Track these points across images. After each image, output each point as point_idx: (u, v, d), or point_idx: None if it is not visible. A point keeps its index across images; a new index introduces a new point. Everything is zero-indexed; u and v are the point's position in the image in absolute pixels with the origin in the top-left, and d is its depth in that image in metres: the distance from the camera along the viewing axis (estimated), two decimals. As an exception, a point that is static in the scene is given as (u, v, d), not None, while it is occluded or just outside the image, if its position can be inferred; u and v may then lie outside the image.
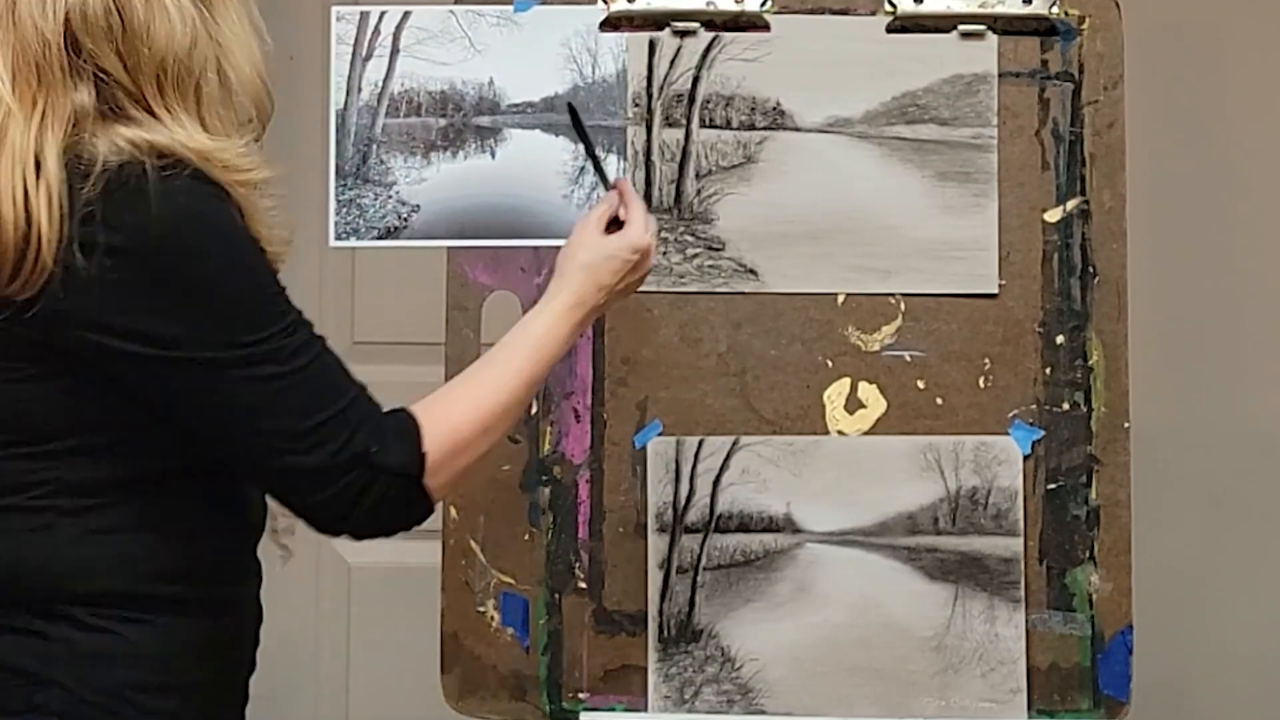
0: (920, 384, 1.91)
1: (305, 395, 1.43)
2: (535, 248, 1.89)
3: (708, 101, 1.92)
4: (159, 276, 1.38)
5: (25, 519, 1.43)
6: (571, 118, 1.76)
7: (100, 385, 1.42)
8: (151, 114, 1.41)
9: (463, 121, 1.90)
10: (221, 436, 1.44)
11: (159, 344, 1.39)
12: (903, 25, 1.92)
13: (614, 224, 1.67)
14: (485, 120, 1.90)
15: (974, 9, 1.91)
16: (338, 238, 1.90)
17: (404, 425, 1.48)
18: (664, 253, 1.91)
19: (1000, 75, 1.92)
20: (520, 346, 1.58)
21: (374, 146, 1.90)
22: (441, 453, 1.48)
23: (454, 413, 1.51)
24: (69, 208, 1.36)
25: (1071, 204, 1.92)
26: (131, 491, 1.46)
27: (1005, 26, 1.92)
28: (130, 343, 1.39)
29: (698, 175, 1.92)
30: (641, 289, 1.86)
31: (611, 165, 1.90)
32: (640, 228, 1.66)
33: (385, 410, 1.48)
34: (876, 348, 1.91)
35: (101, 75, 1.40)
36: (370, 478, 1.44)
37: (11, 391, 1.41)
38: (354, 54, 1.91)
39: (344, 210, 1.90)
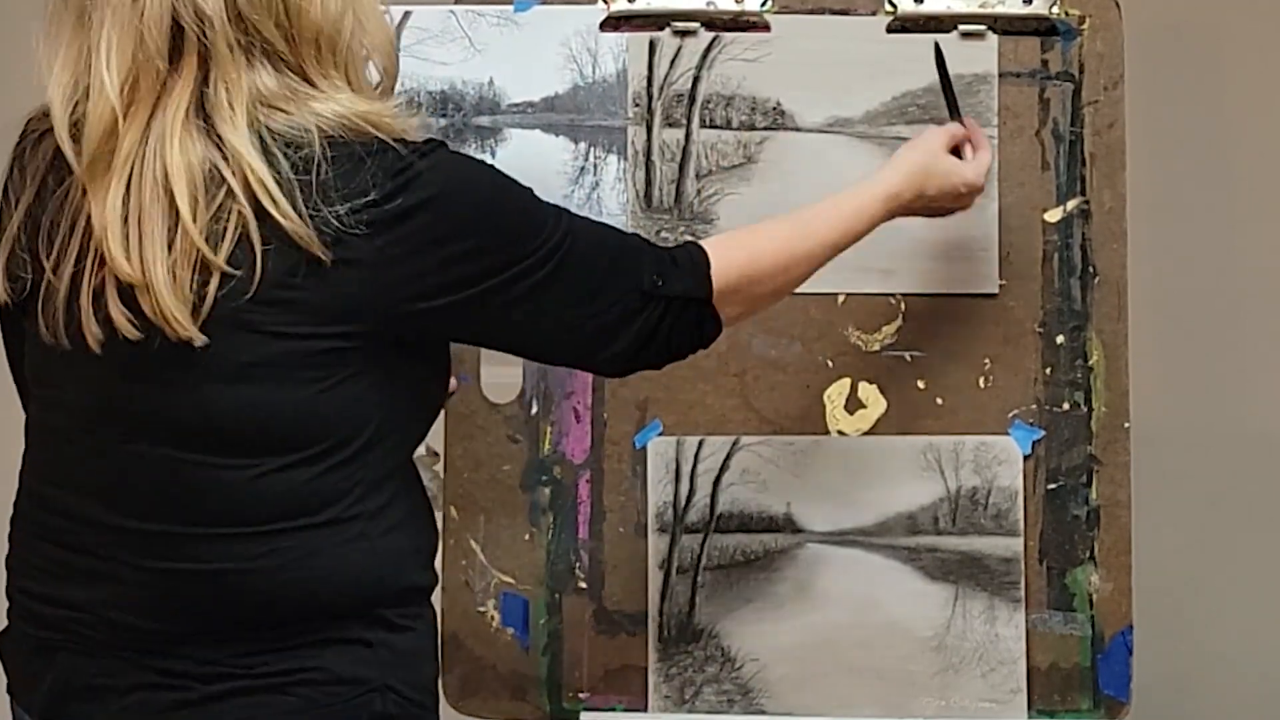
0: (920, 384, 1.91)
1: (588, 268, 1.48)
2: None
3: (708, 101, 1.92)
4: (452, 226, 1.40)
5: (343, 530, 1.43)
6: (936, 60, 1.85)
7: (390, 375, 1.43)
8: (312, 85, 1.41)
9: (463, 121, 1.90)
10: (531, 337, 1.50)
11: (469, 284, 1.42)
12: (903, 25, 1.92)
13: (953, 153, 1.77)
14: (485, 120, 1.90)
15: (974, 9, 1.91)
16: (338, 238, 1.90)
17: (690, 254, 1.55)
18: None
19: (1000, 75, 1.92)
20: (832, 210, 1.67)
21: (374, 146, 1.90)
22: (734, 275, 1.57)
23: (749, 242, 1.61)
24: (296, 194, 1.35)
25: (1072, 204, 1.92)
26: (402, 480, 1.50)
27: (1005, 26, 1.92)
28: (445, 295, 1.41)
29: (698, 175, 1.92)
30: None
31: (612, 166, 1.90)
32: (981, 167, 1.77)
33: (676, 245, 1.57)
34: (877, 348, 1.91)
35: (267, 50, 1.39)
36: (661, 310, 1.51)
37: (315, 403, 1.40)
38: (354, 54, 1.91)
39: (344, 210, 1.89)
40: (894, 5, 1.91)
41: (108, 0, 1.37)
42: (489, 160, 1.89)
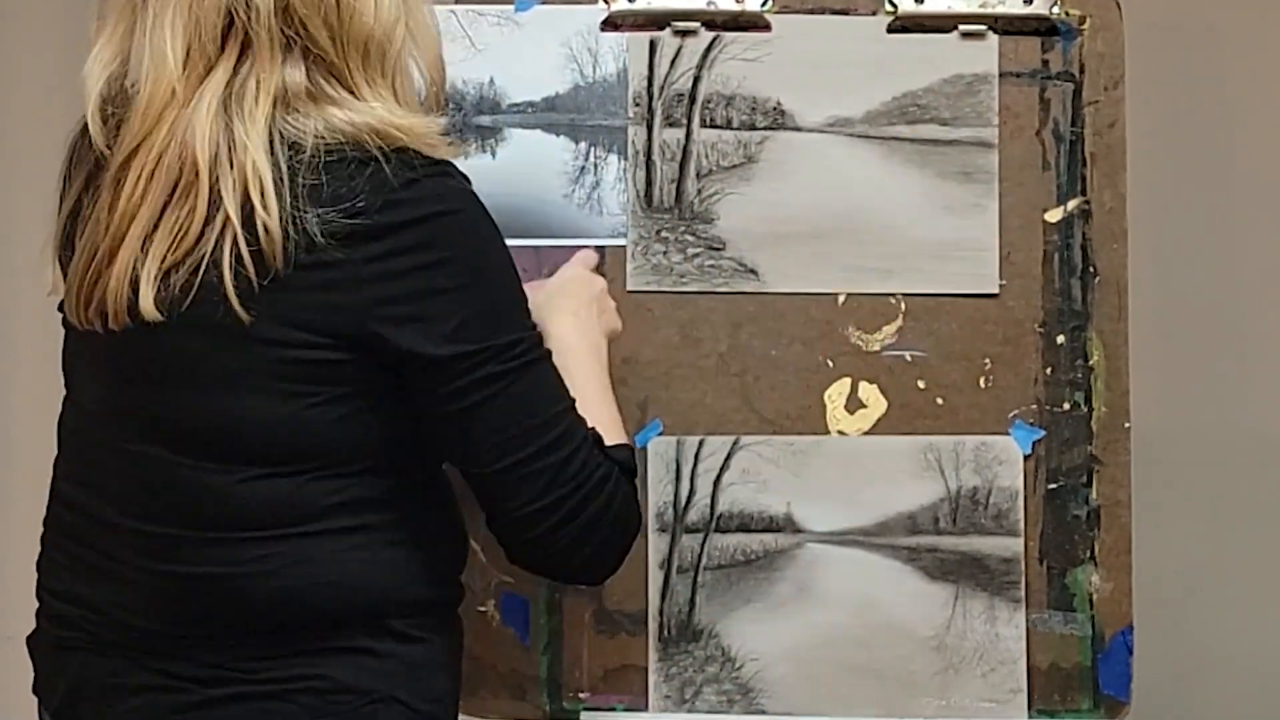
0: (921, 384, 1.91)
1: (547, 389, 1.44)
2: (536, 248, 1.89)
3: (708, 101, 1.92)
4: (433, 265, 1.36)
5: (339, 540, 1.42)
6: None
7: (383, 398, 1.40)
8: (352, 92, 1.39)
9: (463, 121, 1.90)
10: (463, 436, 1.41)
11: (434, 337, 1.37)
12: (903, 25, 1.92)
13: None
14: (485, 120, 1.90)
15: (975, 9, 1.91)
16: (338, 237, 1.90)
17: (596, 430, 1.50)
18: (664, 252, 1.91)
19: (1001, 75, 1.92)
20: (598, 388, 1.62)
21: (375, 146, 1.90)
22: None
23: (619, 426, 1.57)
24: (288, 200, 1.33)
25: (1072, 204, 1.92)
26: (418, 496, 1.48)
27: (1006, 26, 1.92)
28: (401, 335, 1.36)
29: (698, 175, 1.92)
30: (641, 289, 1.87)
31: (613, 166, 1.90)
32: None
33: None
34: (877, 348, 1.91)
35: (309, 49, 1.37)
36: (604, 472, 1.45)
37: (307, 416, 1.39)
38: (355, 53, 1.91)
39: (345, 210, 1.89)
40: (894, 5, 1.91)
41: None
42: (490, 160, 1.90)
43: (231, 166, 1.34)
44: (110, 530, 1.44)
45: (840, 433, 1.91)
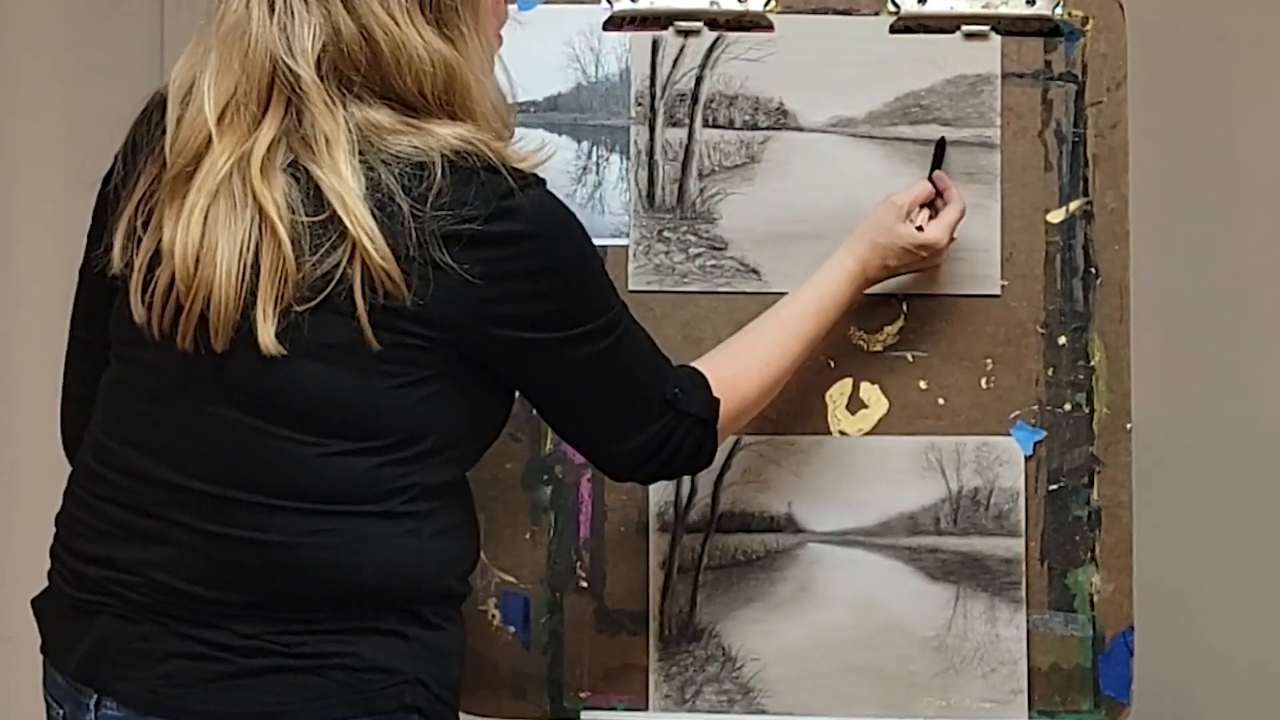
0: (922, 384, 1.91)
1: (634, 359, 1.57)
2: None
3: (711, 101, 1.92)
4: (543, 264, 1.47)
5: (395, 524, 1.47)
6: (938, 150, 1.89)
7: (459, 388, 1.48)
8: (433, 120, 1.47)
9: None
10: (568, 404, 1.57)
11: (539, 326, 1.48)
12: (906, 26, 1.92)
13: (930, 205, 1.84)
14: (488, 119, 1.90)
15: (977, 9, 1.91)
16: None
17: (697, 378, 1.62)
18: (666, 252, 1.91)
19: (1003, 76, 1.92)
20: (807, 308, 1.75)
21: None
22: (738, 404, 1.65)
23: (741, 372, 1.67)
24: (400, 205, 1.41)
25: (1074, 205, 1.92)
26: (456, 491, 1.55)
27: (1009, 27, 1.92)
28: (516, 328, 1.47)
29: (700, 175, 1.92)
30: (643, 289, 1.87)
31: (615, 165, 1.90)
32: (942, 229, 1.81)
33: (682, 368, 1.64)
34: (878, 348, 1.91)
35: (373, 93, 1.45)
36: (673, 424, 1.57)
37: (397, 396, 1.45)
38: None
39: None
40: (897, 5, 1.91)
41: (220, 26, 1.46)
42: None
43: (331, 197, 1.41)
44: (166, 490, 1.46)
45: (842, 433, 1.91)
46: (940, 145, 1.88)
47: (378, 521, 1.46)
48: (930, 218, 1.83)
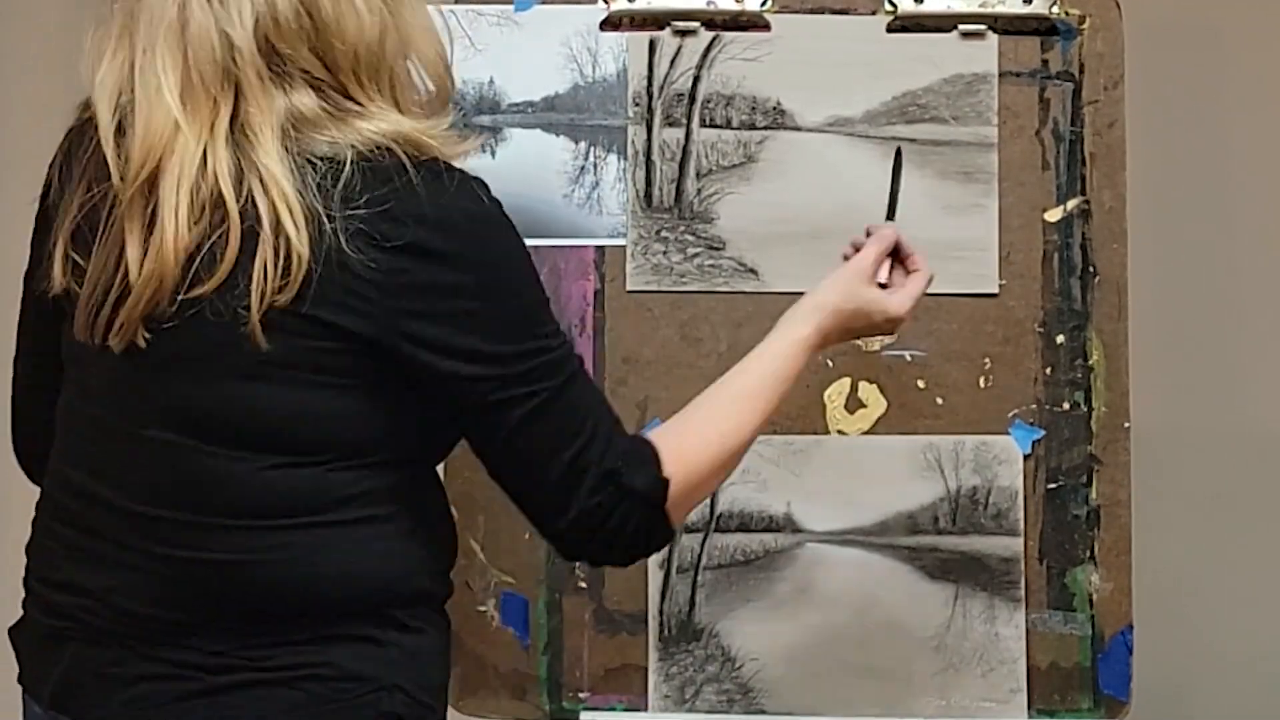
0: (920, 384, 1.91)
1: (570, 416, 1.44)
2: (535, 248, 1.89)
3: (708, 101, 1.92)
4: (450, 279, 1.39)
5: (351, 531, 1.44)
6: (895, 164, 1.82)
7: (393, 395, 1.43)
8: (355, 103, 1.42)
9: (463, 121, 1.90)
10: (496, 457, 1.45)
11: (461, 357, 1.40)
12: (903, 25, 1.92)
13: (893, 254, 1.69)
14: (486, 119, 1.90)
15: (974, 9, 1.91)
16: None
17: (645, 451, 1.47)
18: (664, 252, 1.91)
19: (1001, 75, 1.92)
20: (764, 381, 1.58)
21: (374, 146, 1.90)
22: (681, 485, 1.48)
23: (696, 447, 1.51)
24: (317, 206, 1.36)
25: (1072, 204, 1.92)
26: (419, 489, 1.50)
27: (1006, 26, 1.92)
28: (433, 354, 1.40)
29: (698, 174, 1.92)
30: (641, 288, 1.87)
31: (613, 165, 1.90)
32: (907, 298, 1.67)
33: (631, 439, 1.48)
34: (877, 347, 1.91)
35: (310, 76, 1.40)
36: (617, 499, 1.44)
37: (332, 406, 1.41)
38: (354, 53, 1.91)
39: (344, 210, 1.89)
40: (894, 5, 1.91)
41: (154, 24, 1.40)
42: (490, 160, 1.90)
43: (258, 188, 1.37)
44: (115, 515, 1.44)
45: (840, 432, 1.91)
46: (898, 156, 1.83)
47: (332, 530, 1.42)
48: (891, 268, 1.70)
